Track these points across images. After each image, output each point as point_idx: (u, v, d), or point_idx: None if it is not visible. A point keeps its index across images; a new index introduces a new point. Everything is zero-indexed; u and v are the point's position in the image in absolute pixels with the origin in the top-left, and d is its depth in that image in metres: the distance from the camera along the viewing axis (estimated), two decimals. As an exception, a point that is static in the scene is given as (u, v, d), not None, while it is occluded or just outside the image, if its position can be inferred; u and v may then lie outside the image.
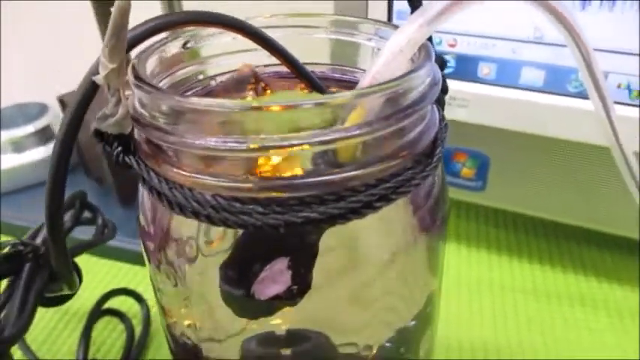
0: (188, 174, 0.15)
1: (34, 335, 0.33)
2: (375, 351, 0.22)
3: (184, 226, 0.18)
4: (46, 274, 0.24)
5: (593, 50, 0.21)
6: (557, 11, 0.18)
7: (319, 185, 0.15)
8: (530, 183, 0.34)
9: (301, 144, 0.14)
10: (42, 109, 0.45)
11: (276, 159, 0.15)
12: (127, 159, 0.16)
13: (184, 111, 0.15)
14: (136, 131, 0.17)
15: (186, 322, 0.21)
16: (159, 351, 0.31)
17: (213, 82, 0.21)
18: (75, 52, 0.48)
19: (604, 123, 0.26)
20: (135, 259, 0.38)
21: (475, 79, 0.32)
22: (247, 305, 0.17)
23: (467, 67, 0.32)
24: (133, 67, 0.17)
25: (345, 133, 0.15)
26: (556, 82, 0.30)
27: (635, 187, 0.27)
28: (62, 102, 0.41)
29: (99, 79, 0.15)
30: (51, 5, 0.52)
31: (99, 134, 0.17)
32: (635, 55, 0.28)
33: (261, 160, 0.15)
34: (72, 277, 0.22)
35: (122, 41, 0.15)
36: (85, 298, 0.35)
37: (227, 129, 0.15)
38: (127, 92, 0.16)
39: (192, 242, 0.18)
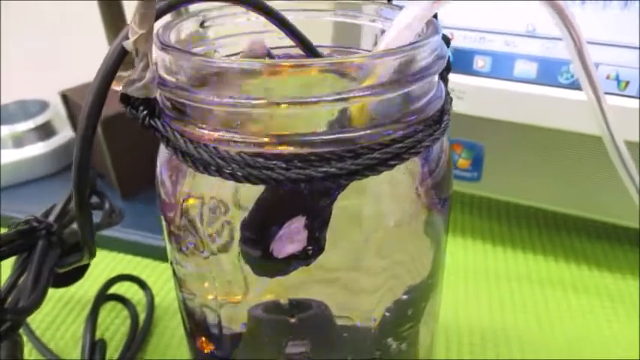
0: (212, 132, 0.16)
1: (36, 323, 0.33)
2: (377, 322, 0.23)
3: (206, 188, 0.19)
4: (59, 251, 0.25)
5: (586, 42, 0.23)
6: (554, 3, 0.19)
7: (336, 142, 0.16)
8: (524, 173, 0.35)
9: (321, 101, 0.15)
10: (43, 106, 0.46)
11: (295, 117, 0.16)
12: (152, 122, 0.17)
13: (210, 71, 0.16)
14: (159, 97, 0.18)
15: (204, 292, 0.22)
16: (162, 337, 0.32)
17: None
18: (76, 49, 0.49)
19: (596, 112, 0.27)
20: (137, 250, 0.38)
21: (471, 71, 0.33)
22: (265, 264, 0.18)
23: (463, 60, 0.33)
24: (158, 35, 0.17)
25: (361, 92, 0.16)
26: (548, 73, 0.32)
27: (626, 175, 0.28)
28: (65, 97, 0.42)
29: (128, 44, 0.16)
30: (52, 3, 0.53)
31: (125, 99, 0.17)
32: (623, 47, 0.30)
33: (281, 118, 0.16)
34: (93, 244, 0.22)
35: (152, 8, 0.16)
36: (87, 287, 0.36)
37: (250, 88, 0.16)
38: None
39: (213, 204, 0.19)
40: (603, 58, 0.30)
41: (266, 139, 0.16)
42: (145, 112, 0.17)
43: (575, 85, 0.31)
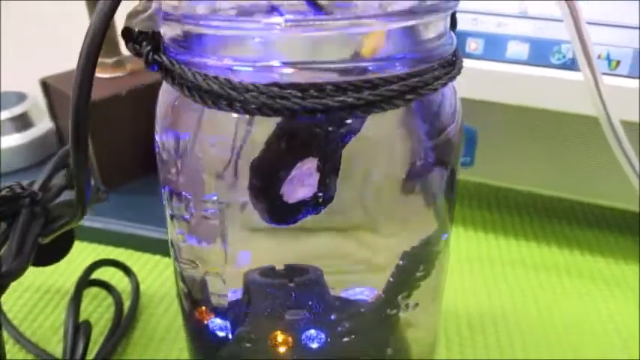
0: (223, 63, 0.15)
1: (13, 313, 0.31)
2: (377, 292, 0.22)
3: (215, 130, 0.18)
4: (42, 221, 0.23)
5: (585, 21, 0.23)
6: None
7: (353, 72, 0.15)
8: (518, 157, 0.35)
9: (337, 26, 0.15)
10: (20, 97, 0.44)
11: (312, 43, 0.16)
12: (156, 57, 0.16)
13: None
14: (164, 32, 0.17)
15: (206, 257, 0.21)
16: (149, 323, 0.30)
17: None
18: (55, 41, 0.48)
19: (592, 92, 0.27)
20: (119, 240, 0.36)
21: (464, 54, 0.33)
22: (274, 209, 0.17)
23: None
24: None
25: (376, 18, 0.15)
26: (540, 54, 0.32)
27: (622, 155, 0.28)
28: (45, 85, 0.40)
29: (133, -28, 0.16)
30: None
31: (128, 34, 0.16)
32: (614, 26, 0.30)
33: (297, 45, 0.16)
34: (87, 200, 0.21)
35: None
36: (66, 277, 0.34)
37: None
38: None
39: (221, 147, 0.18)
40: (594, 38, 0.31)
41: (281, 66, 0.15)
42: (148, 48, 0.16)
43: (567, 66, 0.31)
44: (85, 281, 0.29)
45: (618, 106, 0.31)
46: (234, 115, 0.16)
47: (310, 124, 0.16)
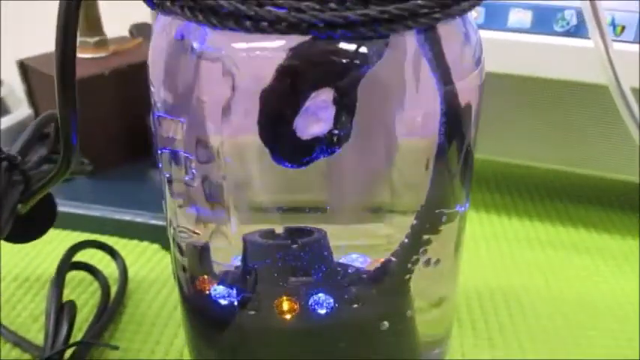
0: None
1: (-12, 302, 0.29)
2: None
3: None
4: (22, 187, 0.21)
5: None
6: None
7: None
8: (519, 130, 0.34)
9: None
10: (-5, 83, 0.42)
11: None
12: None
13: None
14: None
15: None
16: (138, 308, 0.28)
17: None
18: (32, 23, 0.46)
19: (602, 59, 0.26)
20: (104, 226, 0.34)
21: (463, 24, 0.32)
22: (286, 146, 0.15)
23: (455, 13, 0.32)
24: None
25: None
26: (543, 22, 0.31)
27: (632, 122, 0.27)
28: (23, 66, 0.38)
29: None
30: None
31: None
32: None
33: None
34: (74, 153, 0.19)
35: None
36: (44, 267, 0.32)
37: None
38: None
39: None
40: (599, 3, 0.30)
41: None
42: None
43: (571, 33, 0.31)
44: (68, 263, 0.26)
45: (625, 73, 0.30)
46: (236, 45, 0.15)
47: (326, 51, 0.15)
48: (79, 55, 0.38)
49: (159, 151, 0.21)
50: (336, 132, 0.16)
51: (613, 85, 0.27)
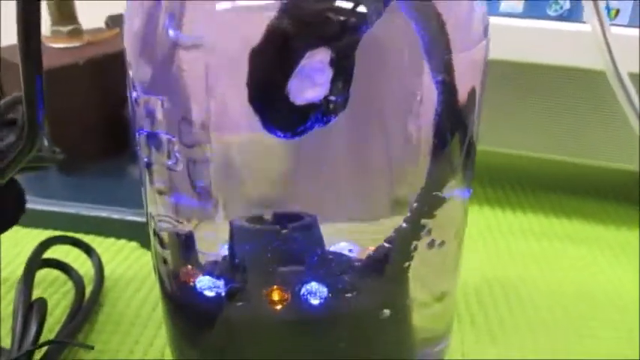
0: None
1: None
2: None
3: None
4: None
5: None
6: None
7: None
8: (512, 119, 0.33)
9: None
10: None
11: None
12: None
13: None
14: None
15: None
16: (115, 307, 0.26)
17: None
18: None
19: (599, 44, 0.26)
20: (78, 224, 0.32)
21: (454, 9, 0.31)
22: (278, 110, 0.14)
23: None
24: None
25: None
26: (536, 6, 0.30)
27: (629, 108, 0.26)
28: (-10, 56, 0.36)
29: None
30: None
31: None
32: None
33: None
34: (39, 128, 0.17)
35: None
36: (10, 270, 0.29)
37: None
38: None
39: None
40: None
41: None
42: None
43: (564, 17, 0.30)
44: (38, 259, 0.25)
45: (620, 58, 0.29)
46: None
47: (321, 9, 0.13)
48: (53, 44, 0.37)
49: (137, 135, 0.19)
50: (332, 98, 0.14)
51: (610, 71, 0.26)
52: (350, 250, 0.21)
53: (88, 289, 0.26)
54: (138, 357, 0.23)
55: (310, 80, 0.14)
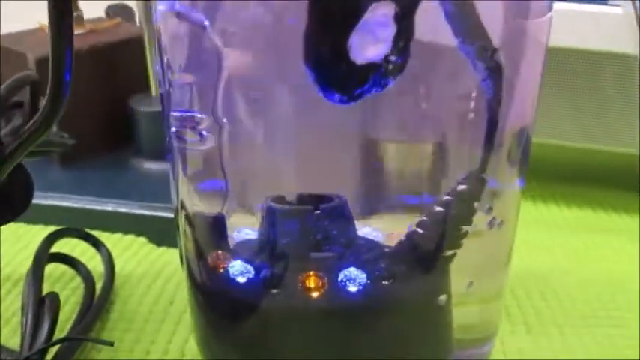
0: None
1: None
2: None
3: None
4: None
5: None
6: None
7: None
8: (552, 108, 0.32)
9: None
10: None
11: None
12: None
13: None
14: None
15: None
16: (126, 304, 0.25)
17: None
18: None
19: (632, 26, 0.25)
20: (81, 219, 0.31)
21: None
22: (338, 68, 0.13)
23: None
24: None
25: None
26: (559, -12, 0.29)
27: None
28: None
29: None
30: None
31: None
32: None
33: None
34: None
35: None
36: (12, 268, 0.28)
37: None
38: None
39: None
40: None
41: None
42: None
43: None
44: (47, 251, 0.23)
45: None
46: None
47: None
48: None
49: (170, 118, 0.18)
50: (393, 58, 0.13)
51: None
52: (374, 236, 0.20)
53: (98, 286, 0.25)
54: (156, 357, 0.22)
55: (373, 35, 0.12)
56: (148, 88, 0.34)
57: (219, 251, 0.17)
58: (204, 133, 0.18)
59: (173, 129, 0.18)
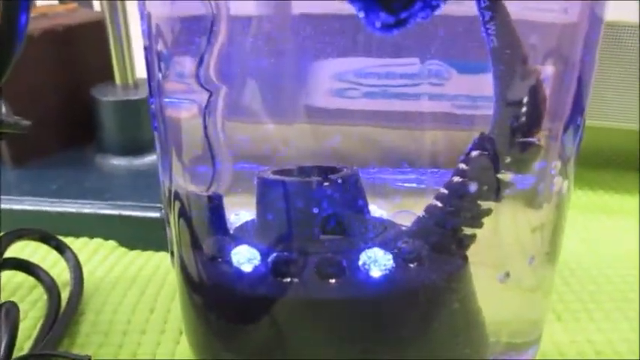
0: None
1: None
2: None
3: None
4: None
5: None
6: None
7: None
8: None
9: None
10: None
11: None
12: None
13: None
14: None
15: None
16: (100, 314, 0.21)
17: None
18: None
19: None
20: (41, 223, 0.27)
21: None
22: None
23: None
24: None
25: None
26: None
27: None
28: None
29: None
30: None
31: None
32: None
33: None
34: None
35: None
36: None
37: None
38: None
39: None
40: None
41: None
42: None
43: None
44: (0, 256, 0.19)
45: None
46: None
47: None
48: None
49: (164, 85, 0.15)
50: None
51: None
52: (380, 215, 0.17)
53: (64, 296, 0.21)
54: (139, 371, 0.18)
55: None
56: (111, 76, 0.31)
57: (220, 237, 0.14)
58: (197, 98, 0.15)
59: (166, 100, 0.15)
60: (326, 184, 0.15)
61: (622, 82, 0.29)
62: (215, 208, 0.15)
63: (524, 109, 0.15)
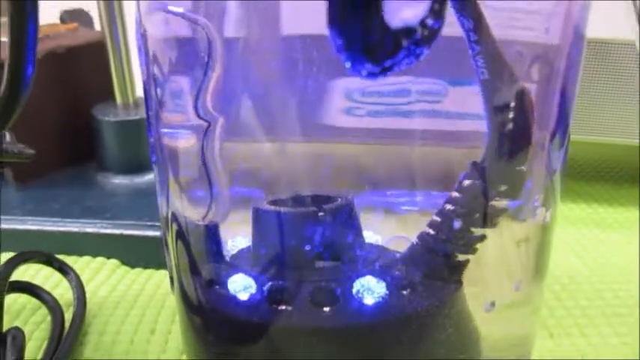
0: None
1: None
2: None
3: None
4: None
5: None
6: None
7: None
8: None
9: None
10: None
11: None
12: None
13: None
14: None
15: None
16: (103, 335, 0.22)
17: None
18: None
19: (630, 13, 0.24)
20: (42, 243, 0.27)
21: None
22: (367, 33, 0.10)
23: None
24: None
25: None
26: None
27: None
28: None
29: None
30: None
31: None
32: None
33: None
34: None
35: None
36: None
37: None
38: None
39: None
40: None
41: None
42: None
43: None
44: (4, 281, 0.20)
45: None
46: None
47: None
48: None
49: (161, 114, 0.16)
50: (430, 22, 0.11)
51: None
52: (375, 240, 0.18)
53: (67, 317, 0.22)
54: (142, 392, 0.19)
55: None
56: (112, 96, 0.31)
57: (216, 264, 0.15)
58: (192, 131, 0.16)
59: (164, 130, 0.15)
60: (321, 214, 0.16)
61: (622, 98, 0.30)
62: (211, 237, 0.15)
63: (515, 137, 0.15)
